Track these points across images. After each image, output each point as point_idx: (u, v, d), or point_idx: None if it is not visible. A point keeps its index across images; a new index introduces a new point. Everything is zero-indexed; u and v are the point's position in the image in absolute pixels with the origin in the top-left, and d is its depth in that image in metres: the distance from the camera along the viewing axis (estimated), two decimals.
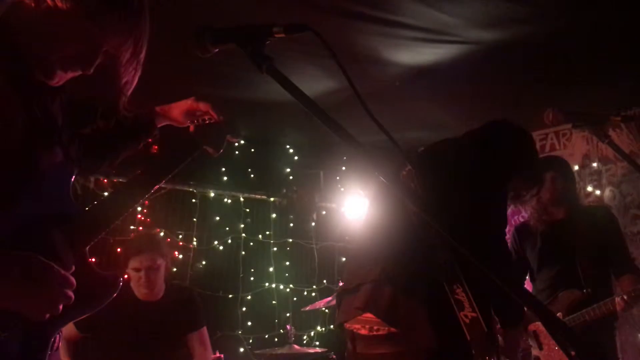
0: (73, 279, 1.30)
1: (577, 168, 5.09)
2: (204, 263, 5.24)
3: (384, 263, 2.00)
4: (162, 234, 4.83)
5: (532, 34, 3.55)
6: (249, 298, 5.41)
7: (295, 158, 5.89)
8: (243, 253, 5.47)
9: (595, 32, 3.53)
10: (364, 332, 2.00)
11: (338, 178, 6.03)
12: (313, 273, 5.80)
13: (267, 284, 5.54)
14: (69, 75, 1.43)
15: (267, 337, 5.37)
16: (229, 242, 5.43)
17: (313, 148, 5.81)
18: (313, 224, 5.90)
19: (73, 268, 1.38)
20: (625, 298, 3.11)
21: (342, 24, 3.43)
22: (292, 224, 5.84)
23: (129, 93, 1.51)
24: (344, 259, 5.87)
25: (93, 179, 4.57)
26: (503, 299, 2.06)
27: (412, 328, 1.90)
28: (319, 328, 5.67)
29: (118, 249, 4.40)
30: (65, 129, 1.55)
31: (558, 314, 3.22)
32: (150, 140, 1.96)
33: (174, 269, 4.63)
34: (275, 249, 5.65)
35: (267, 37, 1.24)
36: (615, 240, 3.47)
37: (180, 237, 5.12)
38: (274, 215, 5.71)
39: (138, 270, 3.37)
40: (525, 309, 2.54)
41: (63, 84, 1.44)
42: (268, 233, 5.65)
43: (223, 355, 3.91)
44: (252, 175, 5.62)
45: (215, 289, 5.23)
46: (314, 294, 5.67)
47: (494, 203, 2.13)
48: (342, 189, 5.97)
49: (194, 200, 5.25)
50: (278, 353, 4.39)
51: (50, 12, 1.34)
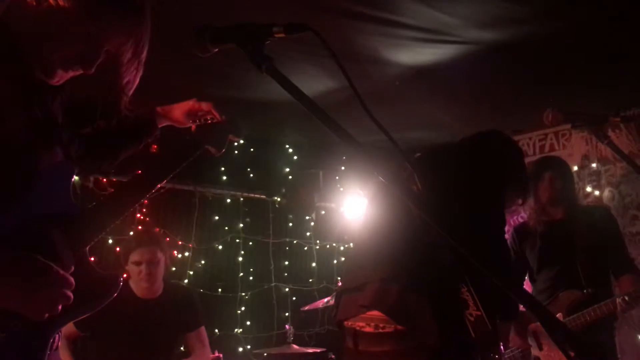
0: (72, 279, 1.30)
1: (576, 168, 5.09)
2: (203, 262, 5.23)
3: (391, 262, 2.00)
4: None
5: (531, 34, 3.55)
6: (248, 297, 5.41)
7: (295, 158, 5.88)
8: (242, 252, 5.47)
9: (595, 32, 3.53)
10: (369, 329, 1.99)
11: (337, 178, 6.02)
12: (312, 273, 5.80)
13: (266, 284, 5.54)
14: (70, 75, 1.42)
15: (266, 336, 5.36)
16: (228, 241, 5.43)
17: (312, 148, 5.80)
18: (312, 224, 5.91)
19: (72, 268, 1.38)
20: (627, 299, 3.10)
21: (342, 24, 3.42)
22: (291, 224, 5.84)
23: (130, 93, 1.51)
24: (343, 259, 5.87)
25: (92, 179, 4.56)
26: (501, 297, 2.07)
27: (418, 326, 1.91)
28: (318, 328, 5.66)
29: (117, 248, 4.40)
30: (66, 129, 1.55)
31: (558, 315, 3.21)
32: (150, 140, 1.96)
33: (173, 268, 4.63)
34: (275, 249, 5.65)
35: (267, 36, 1.24)
36: (615, 241, 3.47)
37: (180, 236, 5.11)
38: (273, 215, 5.71)
39: (139, 264, 3.41)
40: (525, 309, 2.54)
41: (63, 83, 1.44)
42: (267, 233, 5.64)
43: (222, 355, 3.91)
44: (251, 175, 5.62)
45: (214, 289, 5.23)
46: (313, 294, 5.67)
47: (493, 204, 2.13)
48: (341, 189, 5.97)
49: (194, 200, 5.24)
50: (277, 353, 4.39)
51: (52, 11, 1.33)
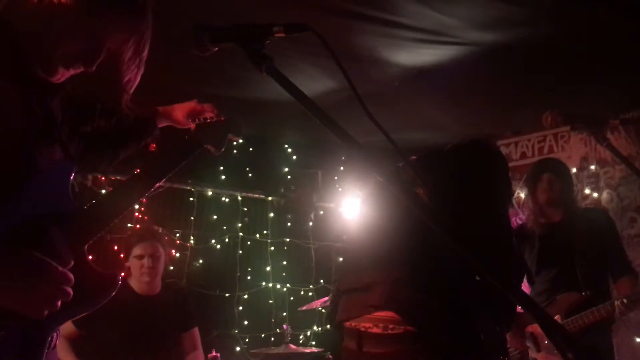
0: (71, 275, 1.30)
1: (575, 170, 5.09)
2: (201, 262, 5.22)
3: (401, 263, 1.98)
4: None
5: (531, 36, 3.55)
6: (246, 297, 5.40)
7: (294, 157, 5.87)
8: (240, 252, 5.46)
9: (595, 34, 3.53)
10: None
11: (336, 178, 6.02)
12: (310, 273, 5.79)
13: (264, 283, 5.53)
14: (71, 73, 1.42)
15: (263, 336, 5.35)
16: (226, 241, 5.42)
17: (311, 148, 5.80)
18: (311, 224, 5.90)
19: (72, 264, 1.37)
20: (625, 302, 3.10)
21: (341, 24, 3.42)
22: (289, 224, 5.84)
23: (131, 91, 1.51)
24: (342, 259, 5.86)
25: (91, 177, 4.56)
26: (499, 301, 2.07)
27: (429, 327, 1.89)
28: (316, 328, 5.66)
29: (115, 247, 4.40)
30: (65, 127, 1.55)
31: (556, 317, 3.22)
32: (150, 139, 1.96)
33: (171, 267, 4.63)
34: (273, 249, 5.64)
35: (266, 36, 1.24)
36: (613, 243, 3.48)
37: (178, 235, 5.11)
38: (272, 215, 5.70)
39: (141, 258, 3.46)
40: (523, 311, 2.54)
41: (64, 81, 1.44)
42: (265, 232, 5.63)
43: (219, 354, 3.91)
44: (250, 175, 5.61)
45: (212, 288, 5.22)
46: (311, 294, 5.67)
47: (494, 204, 2.12)
48: (340, 189, 5.97)
49: (192, 199, 5.23)
50: (274, 352, 4.38)
51: (53, 8, 1.33)
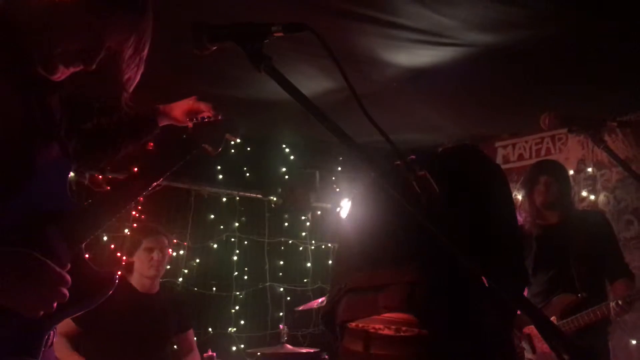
0: (68, 277, 1.29)
1: (572, 173, 5.10)
2: (198, 261, 5.23)
3: (414, 265, 1.96)
4: None
5: (529, 38, 3.55)
6: (243, 297, 5.40)
7: (291, 157, 5.87)
8: (237, 252, 5.46)
9: (593, 36, 3.54)
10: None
11: (334, 178, 6.02)
12: (307, 273, 5.80)
13: (260, 283, 5.54)
14: (71, 71, 1.41)
15: (259, 336, 5.36)
16: (224, 240, 5.42)
17: (309, 148, 5.80)
18: (308, 224, 5.90)
19: (69, 266, 1.37)
20: (620, 303, 3.11)
21: (340, 25, 3.42)
22: (286, 224, 5.84)
23: (131, 89, 1.51)
24: (340, 259, 5.85)
25: (88, 175, 4.55)
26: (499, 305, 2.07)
27: (443, 332, 1.88)
28: (312, 328, 5.66)
29: (112, 246, 4.40)
30: (64, 125, 1.54)
31: (552, 318, 3.22)
32: (149, 138, 1.95)
33: (168, 267, 4.62)
34: (270, 248, 5.64)
35: (265, 35, 1.24)
36: (609, 245, 3.48)
37: (175, 234, 5.10)
38: (269, 215, 5.70)
39: (151, 251, 3.48)
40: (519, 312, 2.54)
41: (64, 79, 1.43)
42: (263, 232, 5.63)
43: (215, 354, 3.91)
44: (247, 174, 5.61)
45: (209, 287, 5.22)
46: (308, 294, 5.67)
47: (494, 204, 2.12)
48: (337, 189, 5.97)
49: (189, 198, 5.23)
50: (270, 352, 4.38)
51: (53, 5, 1.32)
